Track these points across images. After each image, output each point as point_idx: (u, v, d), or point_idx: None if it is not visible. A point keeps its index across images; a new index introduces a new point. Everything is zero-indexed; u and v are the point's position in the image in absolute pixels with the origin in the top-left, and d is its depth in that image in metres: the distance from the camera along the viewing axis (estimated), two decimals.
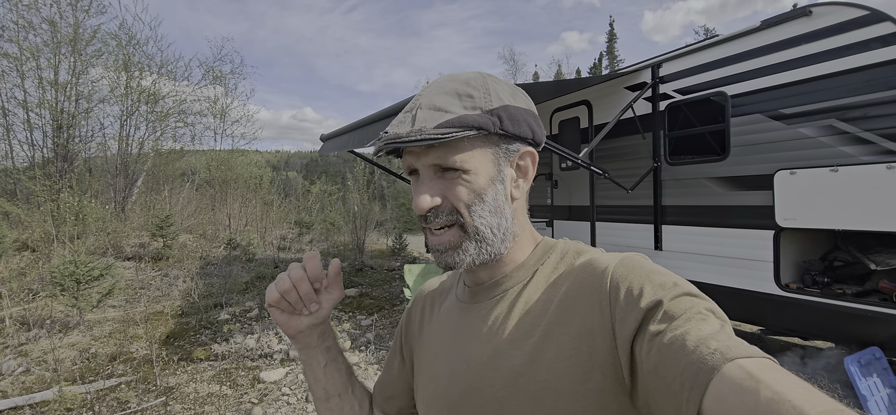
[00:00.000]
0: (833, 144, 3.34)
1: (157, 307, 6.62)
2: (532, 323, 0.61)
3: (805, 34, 3.51)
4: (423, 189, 0.62)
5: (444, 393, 0.67)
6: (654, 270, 0.56)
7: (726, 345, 0.44)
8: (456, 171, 0.61)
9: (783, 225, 3.60)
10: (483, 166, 0.62)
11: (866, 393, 2.77)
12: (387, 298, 7.70)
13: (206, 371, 4.58)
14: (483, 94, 0.62)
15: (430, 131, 0.57)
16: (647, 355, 0.49)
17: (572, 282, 0.61)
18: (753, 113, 3.86)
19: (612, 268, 0.57)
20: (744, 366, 0.41)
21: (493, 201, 0.63)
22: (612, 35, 44.84)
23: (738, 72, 3.98)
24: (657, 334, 0.48)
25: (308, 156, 67.38)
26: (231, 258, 9.43)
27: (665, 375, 0.46)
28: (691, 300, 0.51)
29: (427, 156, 0.61)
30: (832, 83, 3.34)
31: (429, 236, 0.65)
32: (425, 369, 0.74)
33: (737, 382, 0.40)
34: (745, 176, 3.92)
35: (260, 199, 14.38)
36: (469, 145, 0.61)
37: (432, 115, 0.59)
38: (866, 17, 3.16)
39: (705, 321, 0.48)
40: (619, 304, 0.54)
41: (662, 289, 0.52)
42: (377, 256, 12.08)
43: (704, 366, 0.43)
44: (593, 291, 0.57)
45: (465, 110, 0.60)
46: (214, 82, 15.03)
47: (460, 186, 0.61)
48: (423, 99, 0.61)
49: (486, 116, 0.60)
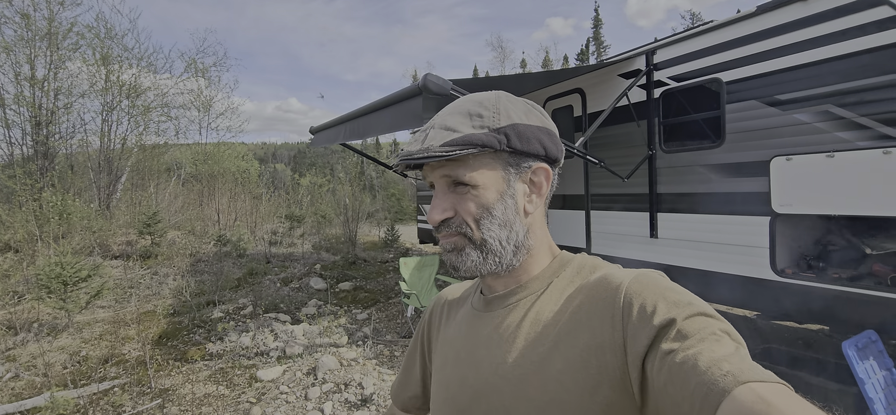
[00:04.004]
0: (829, 129, 3.35)
1: (148, 307, 6.51)
2: (543, 334, 0.62)
3: (801, 19, 3.50)
4: (437, 203, 0.67)
5: (453, 398, 0.69)
6: (669, 288, 0.56)
7: (739, 368, 0.44)
8: (466, 185, 0.65)
9: (779, 211, 3.62)
10: (492, 182, 0.65)
11: (863, 376, 2.81)
12: (382, 290, 7.66)
13: (202, 371, 4.51)
14: (493, 113, 0.65)
15: (436, 149, 0.62)
16: (658, 374, 0.49)
17: (586, 295, 0.62)
18: (749, 99, 3.86)
19: (626, 284, 0.58)
20: (756, 390, 0.41)
21: (502, 215, 0.66)
22: (598, 20, 44.74)
23: (734, 58, 3.96)
24: (669, 353, 0.49)
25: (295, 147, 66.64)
26: (222, 254, 9.30)
27: (675, 394, 0.46)
28: (706, 320, 0.51)
29: (440, 169, 0.66)
30: (828, 68, 3.34)
31: (440, 238, 0.70)
32: (437, 374, 0.77)
33: (748, 405, 0.40)
34: (740, 163, 3.92)
35: (248, 192, 14.19)
36: (477, 162, 0.65)
37: (441, 134, 0.64)
38: (862, 2, 3.15)
39: (719, 342, 0.48)
40: (631, 320, 0.54)
41: (677, 307, 0.52)
42: (370, 248, 12.02)
43: (715, 387, 0.43)
44: (606, 306, 0.58)
45: (472, 129, 0.64)
46: (197, 75, 14.73)
47: (470, 201, 0.65)
48: (438, 119, 0.67)
49: (492, 134, 0.63)
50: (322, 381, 4.14)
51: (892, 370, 2.99)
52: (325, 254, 10.67)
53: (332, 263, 9.51)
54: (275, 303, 6.70)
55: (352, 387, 3.99)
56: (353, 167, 13.49)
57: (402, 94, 3.87)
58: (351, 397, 3.85)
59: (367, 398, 3.81)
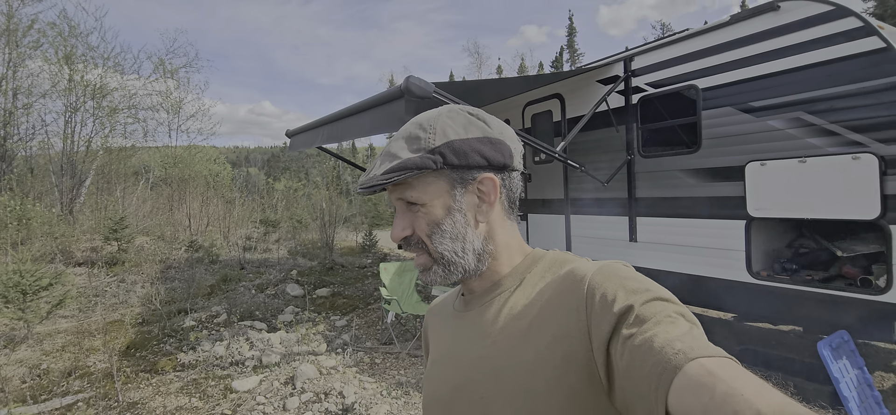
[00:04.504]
0: (801, 135, 3.45)
1: (115, 316, 6.22)
2: (515, 327, 0.66)
3: (773, 29, 3.61)
4: (397, 222, 0.72)
5: (437, 392, 0.74)
6: (629, 277, 0.59)
7: (690, 346, 0.47)
8: (415, 204, 0.69)
9: (755, 215, 3.72)
10: (437, 198, 0.69)
11: (838, 375, 2.90)
12: (361, 296, 7.54)
13: (173, 383, 4.33)
14: (429, 134, 0.68)
15: (378, 177, 0.67)
16: (620, 358, 0.52)
17: (554, 289, 0.65)
18: (724, 106, 3.95)
19: (589, 275, 0.61)
20: (704, 364, 0.44)
21: (452, 229, 0.69)
22: (572, 29, 45.54)
23: (709, 66, 4.06)
24: (629, 337, 0.51)
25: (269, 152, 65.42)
26: (193, 261, 8.99)
27: (635, 375, 0.49)
28: (661, 305, 0.54)
29: (394, 194, 0.71)
30: (799, 77, 3.46)
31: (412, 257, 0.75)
32: (426, 373, 0.82)
33: (696, 379, 0.43)
34: (717, 168, 4.02)
35: (221, 197, 13.80)
36: (421, 183, 0.69)
37: (386, 160, 0.68)
38: (832, 13, 3.28)
39: (674, 324, 0.51)
40: (594, 309, 0.57)
41: (635, 294, 0.55)
42: (347, 253, 11.84)
43: (668, 366, 0.46)
44: (571, 298, 0.61)
45: (410, 153, 0.67)
46: (166, 76, 14.26)
47: (420, 218, 0.70)
48: (386, 147, 0.71)
49: (427, 155, 0.67)
50: (301, 390, 4.02)
51: (863, 369, 3.09)
52: (301, 259, 10.46)
53: (308, 269, 9.32)
54: (250, 310, 6.50)
55: (332, 396, 3.88)
56: (330, 171, 13.26)
57: (384, 97, 3.82)
58: (332, 406, 3.75)
59: (349, 407, 3.71)
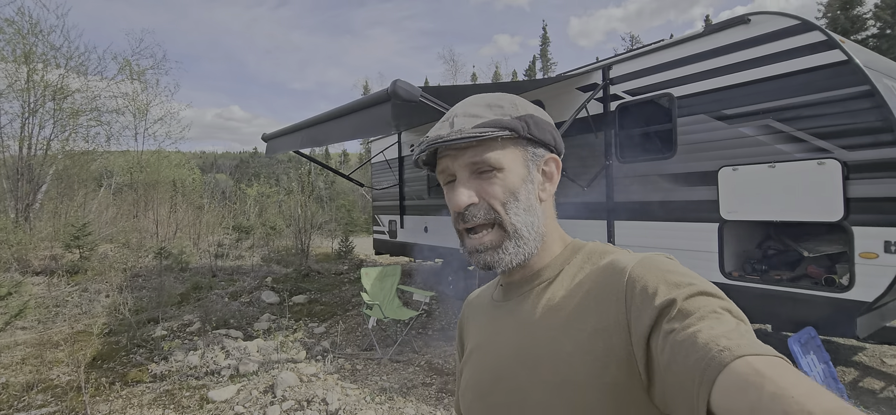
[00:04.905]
0: (770, 142, 3.63)
1: (79, 327, 5.93)
2: (555, 318, 0.65)
3: (744, 40, 3.79)
4: (460, 190, 0.67)
5: (476, 383, 0.73)
6: (672, 270, 0.57)
7: (737, 343, 0.45)
8: (491, 170, 0.66)
9: (727, 218, 3.88)
10: (515, 166, 0.67)
11: (807, 369, 3.04)
12: (338, 303, 7.44)
13: (145, 394, 4.15)
14: (510, 105, 0.69)
15: (468, 131, 0.64)
16: (661, 352, 0.51)
17: (594, 280, 0.64)
18: (698, 113, 4.12)
19: (630, 267, 0.60)
20: (751, 363, 0.42)
21: (526, 200, 0.67)
22: (545, 39, 46.47)
23: (684, 75, 4.23)
24: (671, 332, 0.50)
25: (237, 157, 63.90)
26: (162, 268, 8.68)
27: (678, 371, 0.48)
28: (706, 299, 0.52)
29: (464, 156, 0.67)
30: (768, 87, 3.64)
31: (466, 239, 0.69)
32: (465, 364, 0.81)
33: (743, 377, 0.41)
34: (691, 173, 4.17)
35: (190, 203, 13.37)
36: (502, 146, 0.67)
37: (469, 119, 0.66)
38: (798, 27, 3.47)
39: (719, 320, 0.49)
40: (635, 302, 0.56)
41: (677, 288, 0.54)
42: (322, 259, 11.67)
43: (713, 362, 0.44)
44: (612, 289, 0.60)
45: (496, 116, 0.67)
46: (133, 78, 13.76)
47: (496, 185, 0.66)
48: (458, 109, 0.69)
49: (516, 119, 0.67)
50: (282, 398, 3.93)
51: (829, 363, 3.26)
52: (275, 266, 10.24)
53: (283, 276, 9.13)
54: (225, 319, 6.31)
55: (315, 403, 3.81)
56: (306, 176, 13.05)
57: (370, 100, 3.81)
58: (315, 414, 3.68)
59: (333, 414, 3.65)
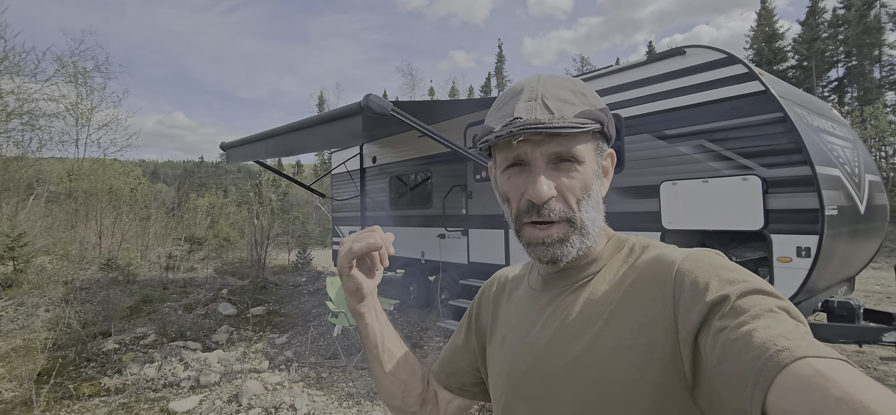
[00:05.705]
0: (704, 160, 4.08)
1: (17, 342, 5.59)
2: (595, 312, 0.62)
3: (681, 69, 4.26)
4: (540, 180, 0.61)
5: (508, 372, 0.70)
6: (724, 266, 0.54)
7: (797, 343, 0.42)
8: (571, 162, 0.62)
9: (668, 227, 4.29)
10: (590, 160, 0.64)
11: None
12: (299, 314, 7.38)
13: (99, 408, 4.02)
14: (592, 94, 0.64)
15: (571, 119, 0.59)
16: (711, 351, 0.48)
17: (638, 275, 0.61)
18: (642, 133, 4.54)
19: (679, 262, 0.57)
20: (814, 364, 0.39)
21: (596, 196, 0.65)
22: (501, 56, 47.94)
23: (630, 97, 4.65)
24: (723, 330, 0.47)
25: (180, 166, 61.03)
26: (108, 281, 8.26)
27: (729, 371, 0.45)
28: (762, 298, 0.49)
29: (550, 144, 0.61)
30: (702, 111, 4.10)
31: (530, 230, 0.64)
32: (495, 350, 0.77)
33: (805, 378, 0.39)
34: (637, 186, 4.58)
35: (136, 213, 12.75)
36: (585, 139, 0.63)
37: (563, 105, 0.60)
38: (724, 60, 3.96)
39: (776, 318, 0.46)
40: (683, 297, 0.53)
41: (730, 284, 0.51)
42: (279, 271, 11.46)
43: (771, 362, 0.41)
44: (658, 284, 0.57)
45: (586, 106, 0.62)
46: (73, 80, 13.02)
47: (575, 179, 0.62)
48: (543, 89, 0.62)
49: (601, 112, 0.63)
50: (248, 406, 3.93)
51: None
52: (231, 278, 9.97)
53: (240, 288, 8.93)
54: (181, 331, 6.14)
55: (283, 410, 3.84)
56: (261, 187, 12.79)
57: (341, 112, 3.94)
58: None
59: None
